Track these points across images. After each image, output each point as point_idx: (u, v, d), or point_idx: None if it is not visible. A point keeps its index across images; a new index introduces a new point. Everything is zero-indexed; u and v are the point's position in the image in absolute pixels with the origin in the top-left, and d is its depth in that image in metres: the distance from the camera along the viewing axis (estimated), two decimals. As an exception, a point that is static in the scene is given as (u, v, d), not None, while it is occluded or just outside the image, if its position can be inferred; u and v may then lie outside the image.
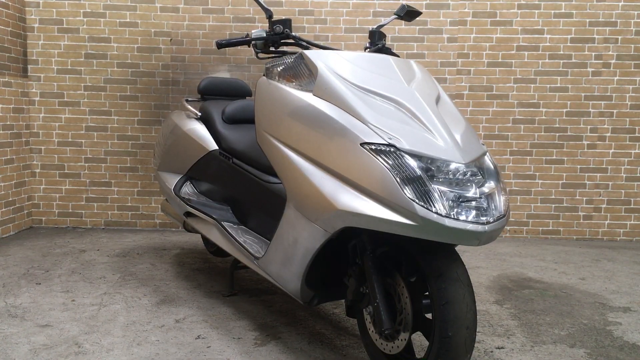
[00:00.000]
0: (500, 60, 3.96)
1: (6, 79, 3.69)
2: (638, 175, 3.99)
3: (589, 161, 3.99)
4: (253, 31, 2.00)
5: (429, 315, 1.59)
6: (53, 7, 3.94)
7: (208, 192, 2.69)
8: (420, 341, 2.04)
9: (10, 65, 3.74)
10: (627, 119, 3.97)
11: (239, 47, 3.96)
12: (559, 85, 3.96)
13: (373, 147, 1.49)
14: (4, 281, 2.74)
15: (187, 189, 2.77)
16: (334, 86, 1.66)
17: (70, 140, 4.02)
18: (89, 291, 2.61)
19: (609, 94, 3.96)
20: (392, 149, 1.47)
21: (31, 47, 3.96)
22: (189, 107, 2.79)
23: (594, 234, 4.03)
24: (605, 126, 3.98)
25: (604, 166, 3.99)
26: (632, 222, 4.01)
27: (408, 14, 2.27)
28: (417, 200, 1.40)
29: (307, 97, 1.72)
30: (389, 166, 1.45)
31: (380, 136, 1.50)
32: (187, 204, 2.58)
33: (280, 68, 1.88)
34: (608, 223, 4.02)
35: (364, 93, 1.64)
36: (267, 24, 2.07)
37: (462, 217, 1.42)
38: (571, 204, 4.01)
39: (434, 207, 1.40)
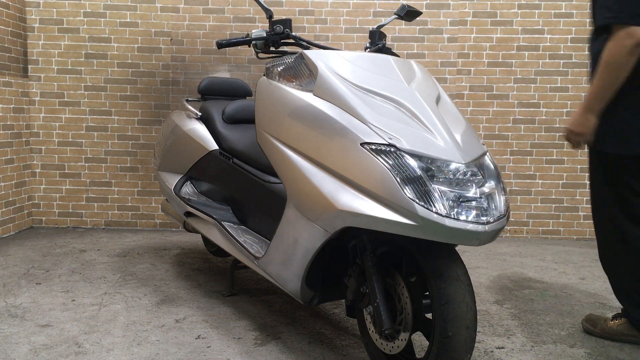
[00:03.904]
0: (500, 60, 3.96)
1: (6, 79, 3.69)
2: (638, 175, 3.99)
3: (589, 161, 3.99)
4: (253, 31, 2.00)
5: (429, 315, 1.59)
6: (53, 7, 3.94)
7: (208, 192, 2.69)
8: (420, 341, 2.04)
9: (11, 65, 3.74)
10: (628, 119, 3.96)
11: (239, 47, 3.96)
12: (559, 85, 3.95)
13: (373, 147, 1.49)
14: (4, 281, 2.74)
15: (187, 189, 2.78)
16: (334, 86, 1.66)
17: (70, 140, 4.02)
18: (89, 291, 2.61)
19: (609, 94, 3.95)
20: (392, 149, 1.47)
21: (31, 47, 3.96)
22: (189, 107, 2.79)
23: (594, 234, 4.02)
24: (606, 126, 3.98)
25: (604, 166, 3.98)
26: (632, 222, 4.01)
27: (408, 14, 2.27)
28: (417, 200, 1.40)
29: (307, 97, 1.72)
30: (389, 166, 1.45)
31: (381, 136, 1.50)
32: (188, 204, 2.58)
33: (281, 68, 1.88)
34: (608, 223, 4.01)
35: (364, 93, 1.64)
36: (267, 24, 2.08)
37: (463, 217, 1.42)
38: (571, 204, 4.01)
39: (434, 207, 1.40)
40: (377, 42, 2.14)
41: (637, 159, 1.99)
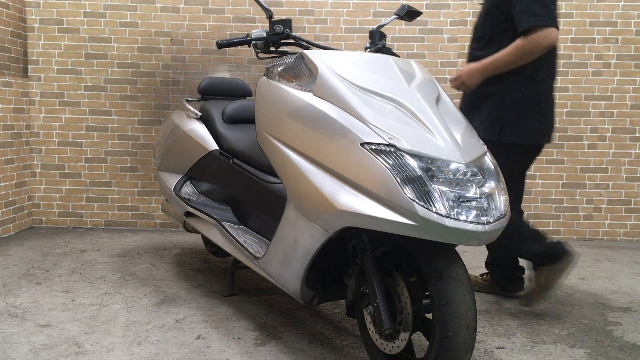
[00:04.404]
0: (500, 60, 3.95)
1: (6, 79, 3.69)
2: (638, 175, 3.99)
3: (589, 161, 3.99)
4: (253, 31, 2.00)
5: (429, 315, 1.59)
6: (53, 7, 3.94)
7: (208, 192, 2.69)
8: (420, 341, 2.04)
9: (11, 65, 3.74)
10: (628, 119, 3.97)
11: (239, 47, 3.96)
12: (559, 85, 3.95)
13: (373, 147, 1.49)
14: (4, 281, 2.74)
15: (187, 189, 2.78)
16: (334, 86, 1.66)
17: (70, 140, 4.02)
18: (89, 291, 2.61)
19: (609, 94, 3.96)
20: (392, 149, 1.48)
21: (31, 47, 3.96)
22: (189, 107, 2.80)
23: (594, 234, 4.03)
24: (606, 126, 3.98)
25: (604, 166, 3.99)
26: (632, 222, 4.01)
27: (408, 14, 2.27)
28: (417, 200, 1.40)
29: (307, 97, 1.72)
30: (389, 166, 1.45)
31: (381, 136, 1.50)
32: (187, 204, 2.58)
33: (281, 68, 1.88)
34: (608, 223, 4.02)
35: (364, 93, 1.64)
36: (268, 24, 2.08)
37: (463, 217, 1.42)
38: (571, 204, 4.01)
39: (434, 207, 1.40)
40: (377, 42, 2.14)
41: (529, 149, 2.34)
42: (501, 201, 1.54)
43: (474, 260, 3.37)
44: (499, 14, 2.23)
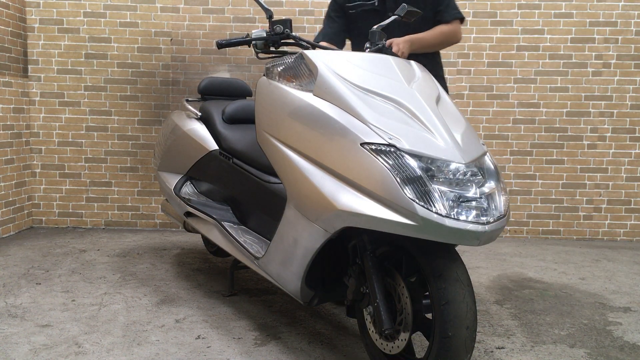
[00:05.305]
0: (500, 60, 3.96)
1: (6, 79, 3.69)
2: (638, 175, 3.99)
3: (589, 161, 3.99)
4: (253, 31, 2.00)
5: (429, 315, 1.59)
6: (53, 7, 3.94)
7: (208, 192, 2.69)
8: (420, 341, 2.04)
9: (11, 65, 3.74)
10: (628, 119, 3.97)
11: (239, 47, 3.96)
12: (559, 85, 3.95)
13: (373, 147, 1.49)
14: (4, 281, 2.74)
15: (187, 189, 2.78)
16: (334, 86, 1.66)
17: (70, 140, 4.02)
18: (89, 291, 2.61)
19: (609, 94, 3.96)
20: (392, 149, 1.47)
21: (31, 47, 3.96)
22: (189, 107, 2.80)
23: (594, 234, 4.03)
24: (606, 126, 3.98)
25: (604, 166, 3.99)
26: (632, 222, 4.01)
27: (408, 14, 2.27)
28: (417, 200, 1.40)
29: (307, 97, 1.72)
30: (389, 166, 1.45)
31: (381, 136, 1.50)
32: (187, 204, 2.58)
33: (281, 68, 1.88)
34: (608, 223, 4.02)
35: (364, 93, 1.64)
36: (268, 24, 2.08)
37: (463, 217, 1.42)
38: (571, 204, 4.01)
39: (434, 207, 1.40)
40: (377, 42, 2.14)
41: None
42: (501, 201, 1.54)
43: (474, 260, 3.37)
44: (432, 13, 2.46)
